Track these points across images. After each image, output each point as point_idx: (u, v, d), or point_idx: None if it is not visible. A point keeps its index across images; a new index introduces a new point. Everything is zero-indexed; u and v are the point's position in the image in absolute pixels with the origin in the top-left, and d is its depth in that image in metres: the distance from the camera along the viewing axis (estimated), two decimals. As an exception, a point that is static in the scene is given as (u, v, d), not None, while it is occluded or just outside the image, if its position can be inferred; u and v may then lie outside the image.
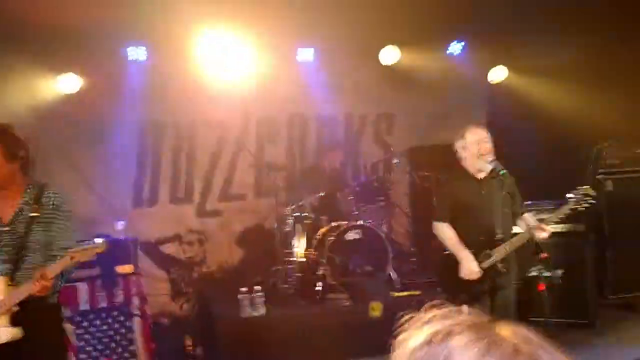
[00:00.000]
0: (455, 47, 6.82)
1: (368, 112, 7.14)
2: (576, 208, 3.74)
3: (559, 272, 3.94)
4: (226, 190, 6.73)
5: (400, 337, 0.86)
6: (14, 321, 2.92)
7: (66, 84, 5.75)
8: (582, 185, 3.80)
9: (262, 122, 6.82)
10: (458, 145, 3.89)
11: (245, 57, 6.00)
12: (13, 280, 2.96)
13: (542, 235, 3.70)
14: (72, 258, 2.92)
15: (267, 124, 6.84)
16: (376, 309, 4.97)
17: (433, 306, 0.89)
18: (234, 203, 6.73)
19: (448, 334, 0.81)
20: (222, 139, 6.68)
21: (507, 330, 0.82)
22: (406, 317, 0.88)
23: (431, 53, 6.69)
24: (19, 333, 2.92)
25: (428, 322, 0.85)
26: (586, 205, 3.74)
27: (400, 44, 6.56)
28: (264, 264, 6.13)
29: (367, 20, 5.65)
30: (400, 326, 0.87)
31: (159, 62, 5.97)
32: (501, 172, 3.74)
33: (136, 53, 5.86)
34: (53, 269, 2.91)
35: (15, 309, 2.92)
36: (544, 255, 3.76)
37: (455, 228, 3.81)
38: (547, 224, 3.74)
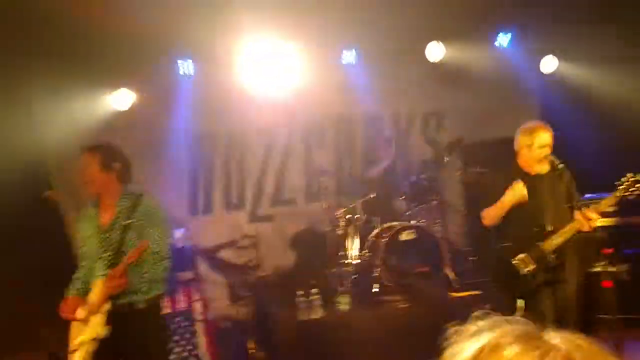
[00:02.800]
0: (503, 39, 6.66)
1: (415, 110, 7.10)
2: (626, 196, 3.53)
3: (625, 266, 3.81)
4: (277, 196, 6.84)
5: (448, 352, 0.85)
6: (109, 320, 3.12)
7: (119, 99, 5.98)
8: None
9: (308, 127, 6.89)
10: (516, 140, 3.79)
11: (289, 62, 6.06)
12: None
13: (588, 224, 3.53)
14: (128, 259, 3.07)
15: (314, 127, 6.90)
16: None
17: (478, 317, 0.87)
18: (285, 208, 6.83)
19: (496, 346, 0.79)
20: (271, 145, 6.78)
21: (557, 338, 0.79)
22: (452, 329, 0.87)
23: (478, 46, 6.56)
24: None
25: (474, 334, 0.83)
26: (638, 194, 3.52)
27: (445, 39, 6.46)
28: (319, 267, 6.18)
29: (409, 17, 5.61)
30: (446, 340, 0.86)
31: (205, 73, 6.11)
32: (559, 166, 3.64)
33: (185, 66, 6.03)
34: (119, 268, 3.07)
35: (109, 308, 3.11)
36: (607, 250, 3.64)
37: (509, 222, 3.74)
38: (593, 212, 3.55)
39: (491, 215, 3.77)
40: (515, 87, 6.95)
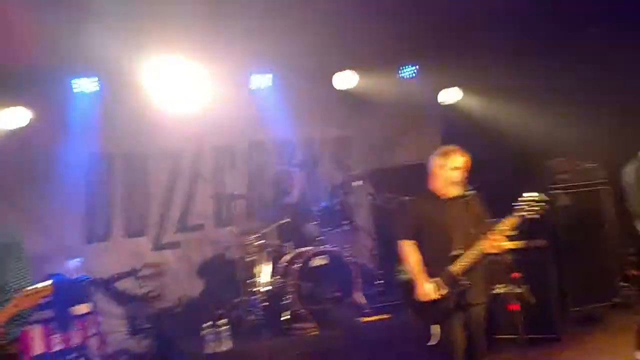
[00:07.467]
0: (408, 71, 6.98)
1: (326, 135, 7.18)
2: (524, 215, 3.57)
3: (526, 288, 3.96)
4: (184, 221, 6.56)
5: None
6: None
7: (11, 118, 5.50)
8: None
9: (218, 150, 6.73)
10: (431, 162, 3.86)
11: (197, 84, 5.90)
12: None
13: (492, 245, 3.62)
14: (15, 306, 2.73)
15: (224, 152, 6.75)
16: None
17: None
18: (193, 234, 6.56)
19: None
20: (177, 169, 6.55)
21: None
22: None
23: (385, 77, 6.83)
24: None
25: None
26: (535, 211, 3.54)
27: (356, 67, 6.66)
28: (227, 296, 5.94)
29: (320, 45, 5.69)
30: None
31: (109, 93, 5.81)
32: (469, 191, 3.74)
33: (85, 85, 5.68)
34: None
35: None
36: (515, 274, 3.78)
37: (420, 247, 3.78)
38: (498, 234, 3.60)
39: (402, 257, 3.79)
40: (419, 116, 7.32)
